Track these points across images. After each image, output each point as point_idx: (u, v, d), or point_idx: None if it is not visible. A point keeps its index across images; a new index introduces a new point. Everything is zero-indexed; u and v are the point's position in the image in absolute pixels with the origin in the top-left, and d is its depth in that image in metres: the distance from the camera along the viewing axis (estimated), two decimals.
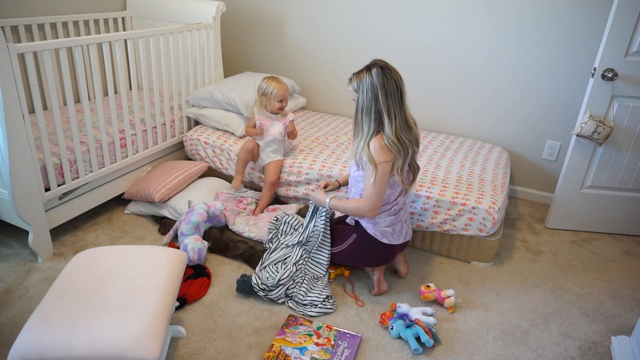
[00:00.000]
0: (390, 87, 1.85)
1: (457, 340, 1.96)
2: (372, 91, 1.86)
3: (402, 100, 1.90)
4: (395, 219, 2.05)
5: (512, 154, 3.18)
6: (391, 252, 2.12)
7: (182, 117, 3.09)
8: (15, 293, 2.08)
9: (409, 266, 2.36)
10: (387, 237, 2.05)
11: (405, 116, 1.92)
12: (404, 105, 1.91)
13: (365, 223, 2.07)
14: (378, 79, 1.84)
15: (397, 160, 1.89)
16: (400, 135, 1.88)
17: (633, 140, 2.58)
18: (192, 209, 2.40)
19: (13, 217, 2.20)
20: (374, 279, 2.18)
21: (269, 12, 3.54)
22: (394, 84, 1.86)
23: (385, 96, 1.85)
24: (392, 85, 1.86)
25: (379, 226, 2.04)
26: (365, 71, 1.88)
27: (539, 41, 2.86)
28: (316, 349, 1.85)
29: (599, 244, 2.75)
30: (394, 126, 1.87)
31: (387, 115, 1.86)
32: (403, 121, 1.90)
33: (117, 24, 3.31)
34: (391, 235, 2.06)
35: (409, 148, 1.92)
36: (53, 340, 1.40)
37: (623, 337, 1.91)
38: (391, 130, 1.86)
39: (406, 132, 1.91)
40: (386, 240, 2.05)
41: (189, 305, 2.07)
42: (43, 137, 2.17)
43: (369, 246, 2.08)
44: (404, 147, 1.89)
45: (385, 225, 2.04)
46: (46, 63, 2.13)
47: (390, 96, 1.86)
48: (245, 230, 2.48)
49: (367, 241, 2.07)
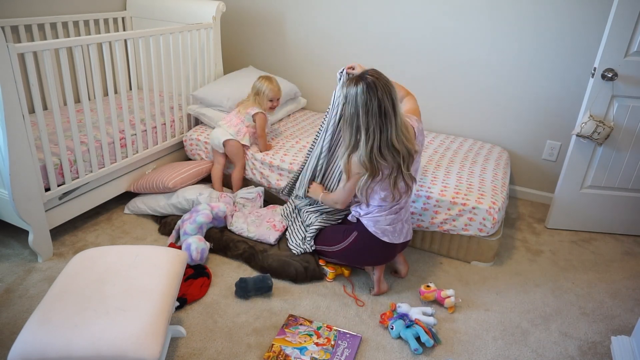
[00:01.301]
0: (372, 107, 1.80)
1: (457, 340, 1.96)
2: (354, 106, 1.83)
3: (385, 120, 1.82)
4: (396, 217, 2.06)
5: (512, 154, 3.18)
6: (391, 251, 2.12)
7: (182, 117, 3.09)
8: (15, 293, 2.08)
9: (409, 266, 2.36)
10: (387, 235, 2.05)
11: (388, 136, 1.84)
12: (388, 124, 1.83)
13: (366, 221, 2.07)
14: (362, 96, 1.80)
15: (369, 177, 1.90)
16: (374, 156, 1.85)
17: (633, 140, 2.58)
18: (196, 209, 2.40)
19: (13, 217, 2.20)
20: (374, 278, 2.18)
21: (269, 12, 3.54)
22: (376, 103, 1.80)
23: (366, 115, 1.82)
24: (375, 105, 1.80)
25: (380, 224, 2.04)
26: (355, 83, 1.84)
27: (539, 41, 2.86)
28: (316, 349, 1.85)
29: (599, 244, 2.75)
30: (369, 146, 1.84)
31: (365, 133, 1.84)
32: (384, 141, 1.84)
33: (117, 24, 3.31)
34: (392, 234, 2.06)
35: (382, 169, 1.89)
36: (53, 340, 1.40)
37: (623, 337, 1.91)
38: (365, 150, 1.85)
39: (386, 153, 1.86)
40: (387, 238, 2.06)
41: (189, 305, 2.07)
42: (43, 137, 2.17)
43: (369, 244, 2.08)
44: (375, 168, 1.87)
45: (386, 224, 2.04)
46: (46, 63, 2.13)
47: (372, 116, 1.81)
48: (243, 229, 2.48)
49: (368, 239, 2.07)
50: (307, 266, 2.23)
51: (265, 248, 2.37)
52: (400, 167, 1.91)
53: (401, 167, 1.91)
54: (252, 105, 2.75)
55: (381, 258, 2.14)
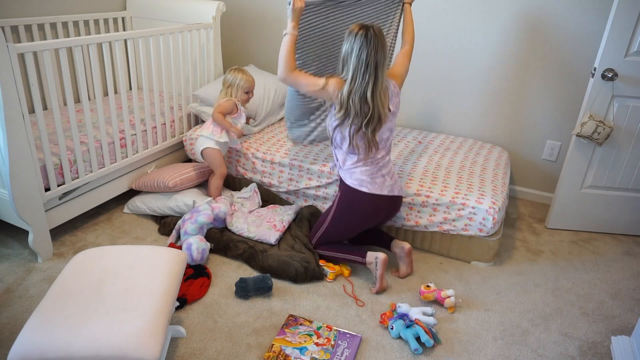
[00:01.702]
0: (362, 56, 1.93)
1: (457, 340, 1.96)
2: (351, 46, 1.95)
3: (367, 74, 1.95)
4: (372, 169, 2.13)
5: (512, 154, 3.18)
6: (376, 203, 2.15)
7: (182, 117, 3.09)
8: (15, 293, 2.08)
9: (412, 271, 2.34)
10: (365, 186, 2.12)
11: (365, 88, 1.96)
12: (368, 79, 1.95)
13: (344, 174, 2.18)
14: (359, 42, 1.93)
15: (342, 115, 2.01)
16: (351, 97, 1.97)
17: (633, 140, 2.58)
18: (197, 209, 2.40)
19: (13, 217, 2.20)
20: (377, 274, 2.17)
21: (269, 12, 3.54)
22: (365, 56, 1.93)
23: (357, 59, 1.94)
24: (364, 56, 1.93)
25: (355, 175, 2.14)
26: (359, 29, 1.95)
27: (539, 41, 2.86)
28: (316, 349, 1.85)
29: (599, 244, 2.75)
30: (349, 87, 1.98)
31: (352, 75, 1.96)
32: (359, 91, 1.96)
33: (117, 24, 3.31)
34: (370, 184, 2.12)
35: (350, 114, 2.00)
36: (53, 340, 1.40)
37: (623, 337, 1.91)
38: (347, 89, 1.98)
39: (357, 102, 1.97)
40: (365, 189, 2.12)
41: (189, 305, 2.07)
42: (43, 137, 2.17)
43: (352, 200, 2.16)
44: (346, 109, 2.00)
45: (362, 175, 2.13)
46: (46, 63, 2.13)
47: (359, 63, 1.94)
48: (244, 229, 2.48)
49: (350, 194, 2.16)
50: (307, 266, 2.23)
51: (265, 248, 2.37)
52: (364, 125, 2.01)
53: (365, 124, 2.01)
54: (223, 98, 2.62)
55: (368, 213, 2.18)
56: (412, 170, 2.63)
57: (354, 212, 2.19)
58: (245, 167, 2.85)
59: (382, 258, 2.16)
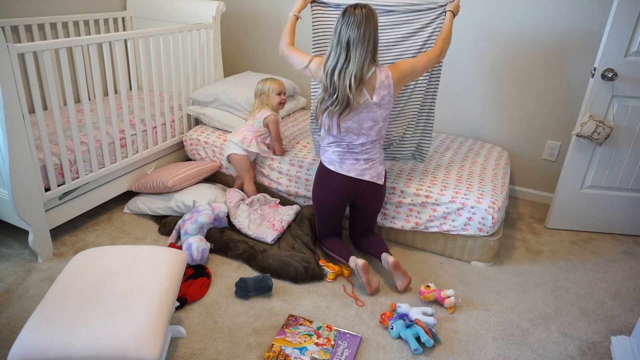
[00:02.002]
0: (337, 30, 1.95)
1: (457, 340, 1.96)
2: (336, 24, 1.97)
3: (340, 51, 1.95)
4: (342, 151, 2.17)
5: (512, 154, 3.18)
6: (342, 183, 2.19)
7: (182, 117, 3.09)
8: (15, 293, 2.08)
9: (410, 280, 2.23)
10: (333, 164, 2.20)
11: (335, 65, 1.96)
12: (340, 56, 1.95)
13: (321, 151, 2.27)
14: (340, 22, 1.95)
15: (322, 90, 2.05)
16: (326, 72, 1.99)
17: (633, 140, 2.58)
18: (197, 209, 2.40)
19: (13, 217, 2.20)
20: (363, 281, 2.17)
21: (269, 12, 3.54)
22: (338, 31, 1.95)
23: (335, 33, 1.97)
24: (338, 31, 1.95)
25: (327, 154, 2.21)
26: (346, 9, 1.96)
27: (539, 41, 2.86)
28: (316, 349, 1.85)
29: (599, 244, 2.75)
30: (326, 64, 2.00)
31: (329, 51, 1.99)
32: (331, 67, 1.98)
33: (117, 24, 3.31)
34: (338, 164, 2.19)
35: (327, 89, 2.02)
36: (53, 340, 1.40)
37: (623, 337, 1.91)
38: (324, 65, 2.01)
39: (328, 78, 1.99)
40: (332, 167, 2.20)
41: (189, 305, 2.07)
42: (43, 137, 2.18)
43: (323, 176, 2.25)
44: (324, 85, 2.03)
45: (332, 154, 2.19)
46: (46, 63, 2.13)
47: (335, 42, 1.96)
48: (244, 225, 2.48)
49: (322, 170, 2.26)
50: (307, 266, 2.23)
51: (265, 248, 2.37)
52: (331, 104, 2.02)
53: (331, 103, 2.02)
54: (260, 108, 2.66)
55: (335, 190, 2.22)
56: (411, 170, 2.63)
57: (324, 188, 2.26)
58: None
59: (361, 265, 2.14)
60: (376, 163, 2.22)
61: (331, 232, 2.39)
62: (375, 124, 2.12)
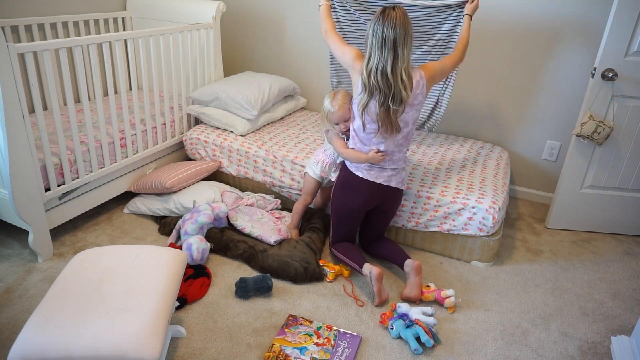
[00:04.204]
0: (377, 33, 1.95)
1: (457, 340, 1.96)
2: (372, 25, 1.98)
3: (385, 50, 1.95)
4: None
5: (512, 154, 3.18)
6: (366, 189, 2.19)
7: (182, 117, 3.09)
8: (15, 293, 2.08)
9: (419, 294, 2.15)
10: (361, 171, 2.18)
11: (384, 65, 1.97)
12: (387, 55, 1.96)
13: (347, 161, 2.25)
14: (376, 20, 1.96)
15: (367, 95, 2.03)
16: (373, 74, 1.99)
17: (633, 140, 2.58)
18: (197, 209, 2.40)
19: (13, 217, 2.20)
20: (374, 290, 2.13)
21: (269, 12, 3.54)
22: (381, 33, 1.94)
23: (372, 36, 1.97)
24: (379, 33, 1.95)
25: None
26: (382, 11, 1.98)
27: (539, 41, 2.86)
28: (316, 349, 1.85)
29: (599, 244, 2.75)
30: (368, 65, 2.00)
31: (369, 53, 1.99)
32: (380, 68, 1.97)
33: (117, 24, 3.31)
34: (366, 171, 2.17)
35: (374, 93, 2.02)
36: (53, 340, 1.40)
37: (623, 337, 1.91)
38: (366, 68, 2.00)
39: (379, 78, 1.98)
40: (360, 174, 2.17)
41: (189, 305, 2.07)
42: (43, 137, 2.17)
43: (347, 179, 2.23)
44: (369, 88, 2.01)
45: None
46: (46, 63, 2.13)
47: (376, 40, 1.96)
48: (247, 226, 2.48)
49: (346, 174, 2.24)
50: (307, 266, 2.23)
51: (266, 248, 2.37)
52: (390, 101, 2.00)
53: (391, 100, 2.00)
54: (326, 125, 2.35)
55: (359, 194, 2.21)
56: (413, 170, 2.63)
57: (347, 191, 2.24)
58: (246, 167, 2.85)
59: (376, 273, 2.10)
60: (401, 170, 2.25)
61: (345, 238, 2.36)
62: (405, 126, 2.11)
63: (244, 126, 2.92)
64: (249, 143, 2.85)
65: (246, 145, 2.84)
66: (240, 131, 2.91)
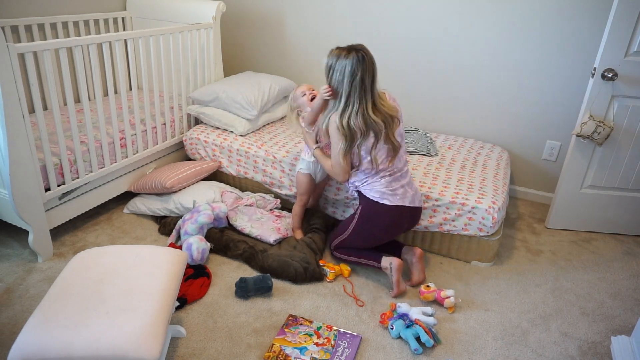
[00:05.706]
0: (356, 79, 1.96)
1: (457, 340, 1.96)
2: (343, 74, 1.97)
3: (365, 94, 1.98)
4: (391, 180, 2.12)
5: (512, 154, 3.18)
6: (400, 215, 2.14)
7: (182, 117, 3.09)
8: (15, 293, 2.08)
9: (425, 277, 2.27)
10: (387, 198, 2.11)
11: (365, 107, 1.98)
12: (367, 97, 1.99)
13: (364, 190, 2.16)
14: (351, 66, 1.95)
15: (348, 142, 2.02)
16: (350, 121, 1.99)
17: (633, 140, 2.58)
18: (197, 209, 2.40)
19: (13, 217, 2.20)
20: (393, 280, 2.15)
21: (269, 12, 3.54)
22: (359, 77, 1.96)
23: (351, 84, 1.97)
24: (358, 78, 1.96)
25: (376, 189, 2.12)
26: (346, 54, 1.97)
27: (539, 41, 2.86)
28: (316, 349, 1.85)
29: (599, 244, 2.75)
30: (348, 113, 1.99)
31: (346, 100, 1.99)
32: (360, 112, 1.99)
33: (117, 24, 3.31)
34: (392, 196, 2.11)
35: (358, 134, 2.01)
36: (53, 340, 1.40)
37: (623, 337, 1.91)
38: (345, 115, 2.00)
39: (361, 121, 1.99)
40: (387, 201, 2.11)
41: (189, 305, 2.07)
42: (43, 137, 2.17)
43: (374, 211, 2.14)
44: (352, 133, 2.00)
45: (383, 187, 2.11)
46: (46, 63, 2.13)
47: (355, 86, 1.97)
48: (246, 226, 2.48)
49: (372, 206, 2.14)
50: (307, 267, 2.23)
51: (266, 248, 2.37)
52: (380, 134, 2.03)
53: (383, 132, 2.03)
54: (296, 120, 2.43)
55: (390, 224, 2.16)
56: (413, 171, 2.63)
57: (375, 225, 2.17)
58: (246, 167, 2.85)
59: (397, 263, 2.14)
60: (414, 185, 2.24)
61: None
62: (402, 139, 2.15)
63: (244, 126, 2.92)
64: (249, 143, 2.85)
65: (246, 145, 2.84)
66: (240, 131, 2.91)
